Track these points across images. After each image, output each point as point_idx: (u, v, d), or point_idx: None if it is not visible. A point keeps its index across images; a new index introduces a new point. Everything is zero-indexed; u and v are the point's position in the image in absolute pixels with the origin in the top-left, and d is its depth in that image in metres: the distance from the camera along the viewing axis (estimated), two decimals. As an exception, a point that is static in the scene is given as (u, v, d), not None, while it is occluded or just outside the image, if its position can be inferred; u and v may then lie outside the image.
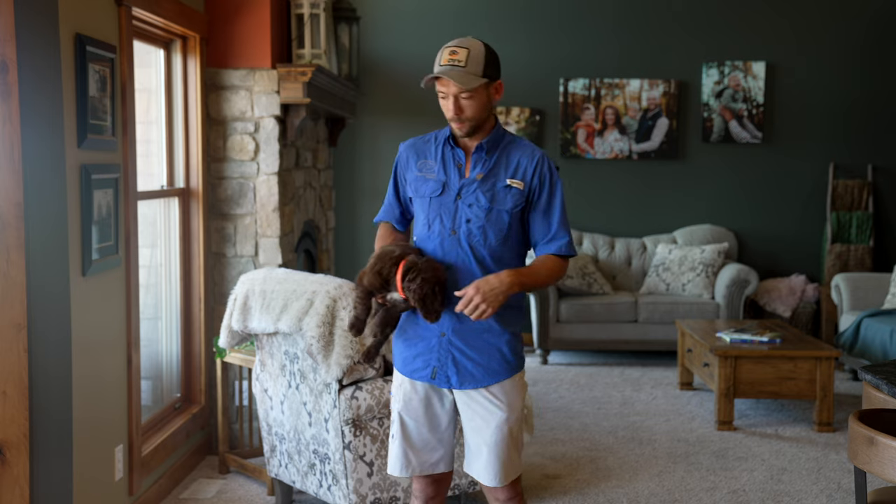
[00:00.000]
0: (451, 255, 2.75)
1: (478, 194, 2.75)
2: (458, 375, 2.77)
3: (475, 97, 2.70)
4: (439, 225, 2.77)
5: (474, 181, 2.76)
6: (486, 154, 2.78)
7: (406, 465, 2.85)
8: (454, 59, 2.68)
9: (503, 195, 2.75)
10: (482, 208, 2.74)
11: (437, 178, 2.80)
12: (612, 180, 7.68)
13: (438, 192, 2.78)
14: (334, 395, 3.61)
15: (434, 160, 2.82)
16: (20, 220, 2.89)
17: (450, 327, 2.76)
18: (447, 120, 2.76)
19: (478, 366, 2.76)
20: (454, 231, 2.75)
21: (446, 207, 2.77)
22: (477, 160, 2.78)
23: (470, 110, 2.71)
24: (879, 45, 7.57)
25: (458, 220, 2.75)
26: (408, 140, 2.94)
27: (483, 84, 2.70)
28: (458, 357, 2.76)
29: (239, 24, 4.84)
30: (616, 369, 6.87)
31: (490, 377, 2.76)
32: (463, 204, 2.75)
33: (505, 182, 2.76)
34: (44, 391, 2.99)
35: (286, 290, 3.76)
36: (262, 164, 4.86)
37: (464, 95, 2.68)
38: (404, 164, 2.89)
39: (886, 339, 5.85)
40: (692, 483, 4.49)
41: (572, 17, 7.58)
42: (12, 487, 2.92)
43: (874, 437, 2.40)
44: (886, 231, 7.65)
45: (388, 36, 7.55)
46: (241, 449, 4.68)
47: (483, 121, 2.75)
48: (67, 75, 3.30)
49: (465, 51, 2.69)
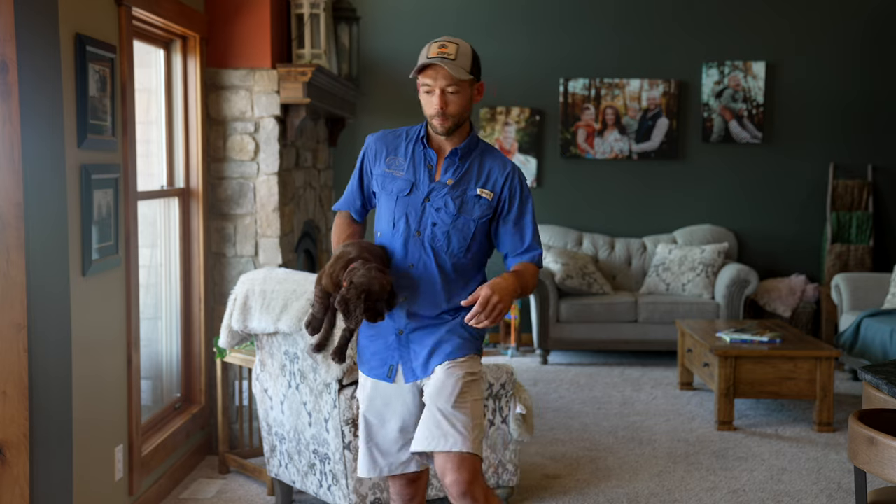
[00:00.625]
0: (414, 257, 2.74)
1: (447, 199, 2.73)
2: (423, 365, 2.74)
3: (461, 93, 2.68)
4: (404, 224, 2.74)
5: (445, 185, 2.74)
6: (459, 160, 2.76)
7: (373, 465, 2.83)
8: (444, 52, 2.66)
9: (472, 204, 2.74)
10: (450, 214, 2.72)
11: (406, 176, 2.77)
12: (612, 180, 7.68)
13: (406, 191, 2.76)
14: (334, 395, 3.61)
15: (403, 158, 2.79)
16: (20, 220, 2.89)
17: (407, 325, 2.75)
18: (428, 116, 2.73)
19: (437, 351, 2.73)
20: (419, 232, 2.73)
21: (413, 208, 2.74)
22: (449, 164, 2.76)
23: (454, 106, 2.68)
24: (879, 44, 7.57)
25: (424, 223, 2.73)
26: (377, 132, 2.90)
27: (468, 81, 2.69)
28: (418, 350, 2.74)
29: (239, 24, 4.84)
30: (616, 369, 6.87)
31: (453, 353, 2.72)
32: (430, 207, 2.73)
33: (475, 191, 2.74)
34: (44, 391, 2.99)
35: (286, 290, 3.76)
36: (262, 164, 4.86)
37: (451, 89, 2.66)
38: (372, 157, 2.86)
39: (886, 339, 5.85)
40: (692, 483, 4.49)
41: (572, 17, 7.59)
42: (12, 487, 2.92)
43: (874, 437, 2.40)
44: (886, 231, 7.65)
45: (388, 36, 7.55)
46: (241, 449, 4.68)
47: (464, 120, 2.73)
48: (67, 75, 3.30)
49: (455, 45, 2.68)
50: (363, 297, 2.60)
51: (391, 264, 2.77)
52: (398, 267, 2.76)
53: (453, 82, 2.66)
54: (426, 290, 2.74)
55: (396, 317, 2.76)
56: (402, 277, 2.74)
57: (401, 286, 2.73)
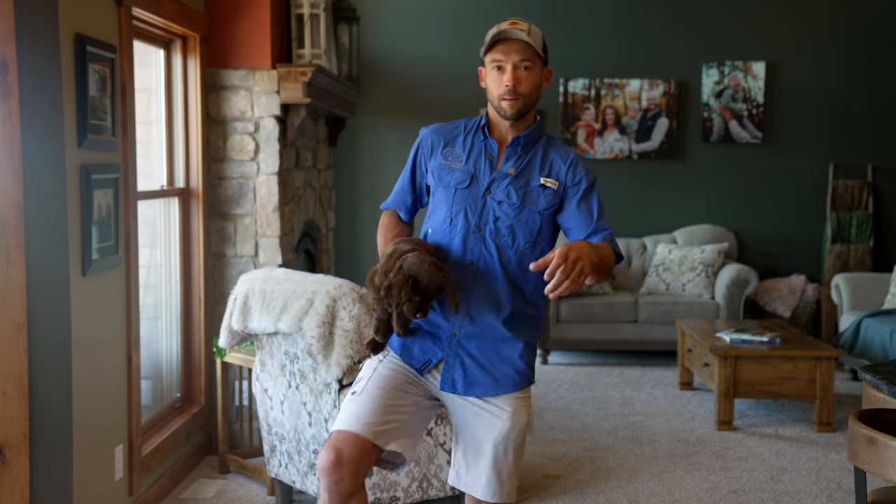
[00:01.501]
0: (474, 254, 2.52)
1: (509, 190, 2.53)
2: (465, 380, 2.53)
3: (533, 71, 2.52)
4: (463, 220, 2.53)
5: (507, 176, 2.54)
6: (521, 149, 2.57)
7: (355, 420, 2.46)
8: (517, 27, 2.51)
9: (536, 194, 2.54)
10: (513, 206, 2.52)
11: (465, 168, 2.57)
12: (611, 180, 7.68)
13: (466, 183, 2.55)
14: (334, 395, 3.61)
15: (462, 149, 2.60)
16: (20, 220, 2.89)
17: (462, 328, 2.53)
18: (496, 98, 2.54)
19: (487, 374, 2.53)
20: (479, 228, 2.52)
21: (473, 202, 2.54)
22: (510, 154, 2.57)
23: (526, 84, 2.51)
24: (879, 45, 7.57)
25: (486, 217, 2.53)
26: (431, 125, 2.71)
27: (540, 61, 2.54)
28: (467, 361, 2.53)
29: (239, 24, 4.84)
30: (616, 369, 6.87)
31: (498, 387, 2.53)
32: (492, 200, 2.53)
33: (539, 181, 2.55)
34: (44, 391, 2.99)
35: (286, 290, 3.76)
36: (262, 164, 4.86)
37: (525, 64, 2.50)
38: (427, 150, 2.65)
39: (886, 339, 5.86)
40: (692, 483, 4.49)
41: (572, 17, 7.59)
42: (12, 487, 2.92)
43: (874, 437, 2.40)
44: (886, 231, 7.65)
45: (388, 36, 7.55)
46: (241, 449, 4.68)
47: (533, 105, 2.56)
48: (67, 75, 3.30)
49: (527, 24, 2.54)
50: (410, 283, 2.37)
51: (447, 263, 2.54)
52: (456, 265, 2.53)
53: (527, 56, 2.50)
54: (487, 291, 2.52)
55: (452, 318, 2.53)
56: (461, 277, 2.52)
57: (460, 289, 2.51)
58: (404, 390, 2.56)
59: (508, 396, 2.55)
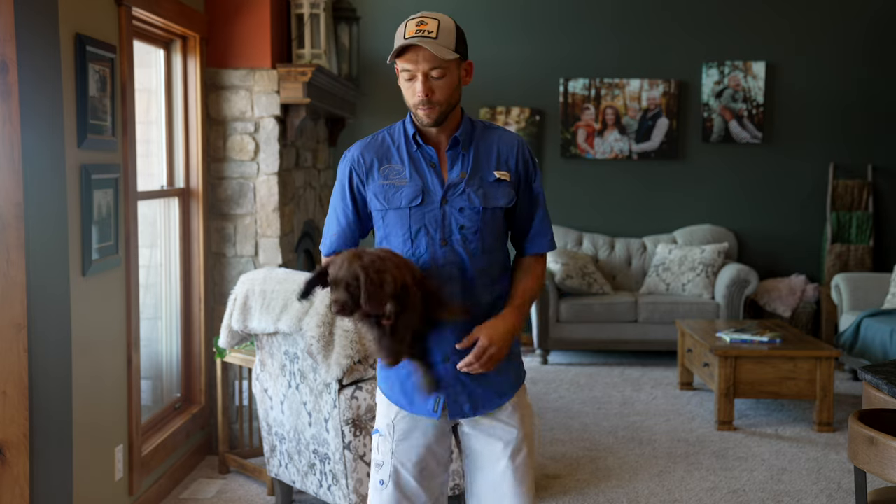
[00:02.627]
0: (449, 267, 2.38)
1: (468, 194, 2.38)
2: (471, 402, 2.42)
3: (447, 75, 2.33)
4: (426, 237, 2.38)
5: (460, 181, 2.39)
6: (462, 148, 2.42)
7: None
8: (423, 29, 2.32)
9: (494, 191, 2.40)
10: (475, 211, 2.38)
11: (412, 183, 2.39)
12: (612, 180, 7.68)
13: (419, 199, 2.38)
14: (334, 395, 3.61)
15: (400, 163, 2.42)
16: (20, 220, 2.89)
17: (454, 351, 2.37)
18: (412, 106, 2.39)
19: (489, 388, 2.43)
20: (445, 241, 2.38)
21: (431, 216, 2.38)
22: (454, 157, 2.41)
23: (441, 92, 2.34)
24: (879, 45, 7.57)
25: (449, 229, 2.38)
26: (351, 147, 2.50)
27: (455, 61, 2.34)
28: (468, 382, 2.41)
29: (239, 24, 4.84)
30: (616, 369, 6.87)
31: (502, 396, 2.45)
32: (451, 209, 2.38)
33: (493, 175, 2.41)
34: (44, 391, 2.99)
35: (286, 290, 3.76)
36: (262, 164, 4.86)
37: (435, 73, 2.32)
38: (363, 173, 2.44)
39: (886, 339, 5.86)
40: (692, 483, 4.49)
41: (572, 17, 7.59)
42: (12, 487, 2.92)
43: (874, 437, 2.40)
44: (886, 231, 7.65)
45: (388, 36, 7.53)
46: (241, 449, 4.68)
47: (453, 107, 2.38)
48: (67, 75, 3.30)
49: (436, 21, 2.34)
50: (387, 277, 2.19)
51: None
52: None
53: (437, 64, 2.31)
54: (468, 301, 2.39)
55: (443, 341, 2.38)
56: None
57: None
58: (430, 453, 2.46)
59: (511, 402, 2.47)
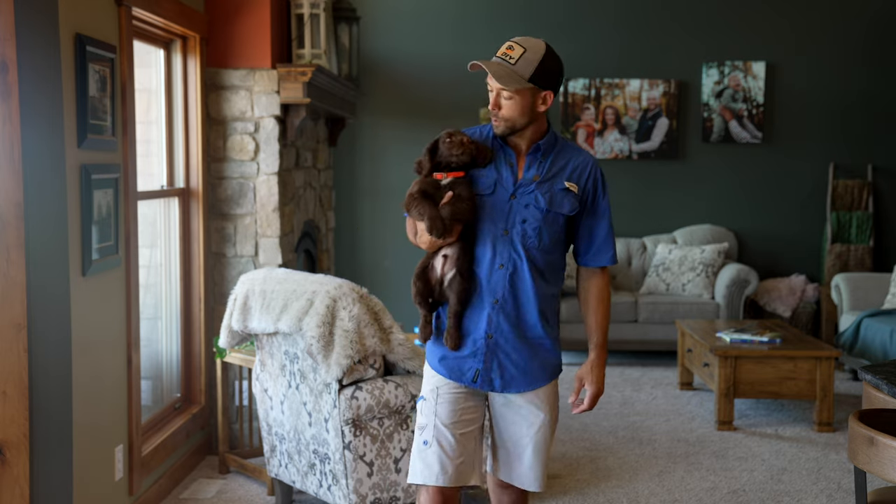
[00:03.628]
0: (503, 257, 2.66)
1: (536, 195, 2.66)
2: (502, 379, 2.70)
3: (515, 99, 2.61)
4: (490, 224, 2.66)
5: (531, 182, 2.67)
6: (541, 156, 2.70)
7: (442, 472, 2.68)
8: (508, 54, 2.60)
9: (560, 198, 2.68)
10: (540, 209, 2.66)
11: (489, 174, 2.68)
12: (611, 180, 7.61)
13: (490, 189, 2.67)
14: (334, 395, 3.61)
15: None
16: (20, 220, 2.89)
17: (497, 329, 2.68)
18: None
19: (523, 371, 2.70)
20: (506, 231, 2.65)
21: (499, 207, 2.66)
22: (532, 161, 2.70)
23: (507, 110, 2.63)
24: (879, 45, 7.57)
25: (512, 220, 2.65)
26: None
27: (527, 89, 2.60)
28: (504, 360, 2.69)
29: (239, 24, 4.84)
30: (616, 369, 6.87)
31: (534, 381, 2.72)
32: (518, 204, 2.66)
33: (563, 185, 2.68)
34: (44, 391, 2.98)
35: (286, 290, 3.76)
36: (262, 164, 4.86)
37: (505, 94, 2.61)
38: None
39: (886, 339, 5.86)
40: (692, 483, 4.49)
41: (572, 17, 7.58)
42: (12, 487, 2.92)
43: (874, 437, 2.40)
44: (886, 231, 7.65)
45: (388, 36, 7.55)
46: (241, 449, 4.68)
47: (522, 126, 2.66)
48: (67, 75, 3.30)
49: (522, 49, 2.60)
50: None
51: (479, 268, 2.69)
52: (487, 269, 2.67)
53: (503, 88, 2.60)
54: (517, 290, 2.67)
55: (487, 320, 2.68)
56: (493, 279, 2.67)
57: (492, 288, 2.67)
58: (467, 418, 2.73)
59: (542, 389, 2.74)
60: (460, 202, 2.63)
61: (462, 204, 2.63)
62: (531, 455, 2.73)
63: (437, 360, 2.75)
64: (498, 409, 2.76)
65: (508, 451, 2.76)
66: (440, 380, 2.75)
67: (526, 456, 2.73)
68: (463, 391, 2.73)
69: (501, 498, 2.82)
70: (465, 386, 2.72)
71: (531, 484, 2.75)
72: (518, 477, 2.76)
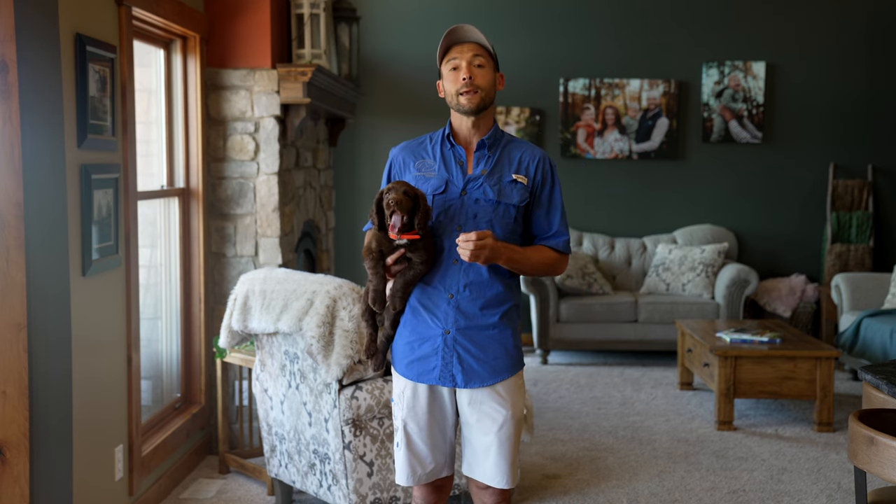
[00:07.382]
0: (457, 253, 2.69)
1: (485, 188, 2.72)
2: (464, 374, 2.73)
3: (487, 67, 2.72)
4: (444, 221, 2.73)
5: (479, 176, 2.73)
6: (488, 151, 2.77)
7: (411, 474, 2.81)
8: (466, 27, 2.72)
9: (509, 189, 2.73)
10: (489, 202, 2.71)
11: (439, 175, 2.76)
12: (612, 180, 7.68)
13: (441, 188, 2.74)
14: (334, 395, 3.61)
15: (433, 159, 2.79)
16: (20, 220, 2.89)
17: (454, 325, 2.73)
18: (454, 95, 2.73)
19: (483, 364, 2.73)
20: (460, 227, 2.71)
21: (451, 204, 2.73)
22: (479, 157, 2.76)
23: (482, 79, 2.70)
24: (880, 45, 7.57)
25: (464, 216, 2.71)
26: (398, 145, 2.90)
27: (491, 62, 2.73)
28: (463, 355, 2.73)
29: (239, 24, 4.84)
30: (616, 369, 6.87)
31: (495, 375, 2.74)
32: (469, 199, 2.72)
33: (510, 177, 2.74)
34: (44, 391, 2.99)
35: (286, 290, 3.76)
36: (262, 164, 4.86)
37: (477, 61, 2.70)
38: (400, 167, 2.84)
39: (886, 339, 5.86)
40: (692, 483, 4.49)
41: (572, 17, 7.59)
42: (12, 487, 2.92)
43: (874, 437, 2.40)
44: (886, 231, 7.65)
45: (388, 36, 7.55)
46: (241, 449, 4.68)
47: (491, 101, 2.74)
48: (67, 75, 3.30)
49: (474, 28, 2.73)
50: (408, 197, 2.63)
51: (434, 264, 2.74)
52: (442, 264, 2.73)
53: (480, 52, 2.70)
54: (473, 284, 2.72)
55: (443, 316, 2.73)
56: (448, 275, 2.72)
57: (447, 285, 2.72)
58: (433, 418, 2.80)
59: (504, 383, 2.76)
60: (410, 269, 2.69)
61: (410, 272, 2.69)
62: (496, 452, 2.75)
63: (402, 365, 2.81)
64: (464, 408, 2.79)
65: (475, 449, 2.79)
66: (405, 382, 2.81)
67: (492, 453, 2.76)
68: (429, 391, 2.78)
69: (483, 498, 2.85)
70: (430, 385, 2.77)
71: (500, 481, 2.77)
72: (485, 474, 2.78)
